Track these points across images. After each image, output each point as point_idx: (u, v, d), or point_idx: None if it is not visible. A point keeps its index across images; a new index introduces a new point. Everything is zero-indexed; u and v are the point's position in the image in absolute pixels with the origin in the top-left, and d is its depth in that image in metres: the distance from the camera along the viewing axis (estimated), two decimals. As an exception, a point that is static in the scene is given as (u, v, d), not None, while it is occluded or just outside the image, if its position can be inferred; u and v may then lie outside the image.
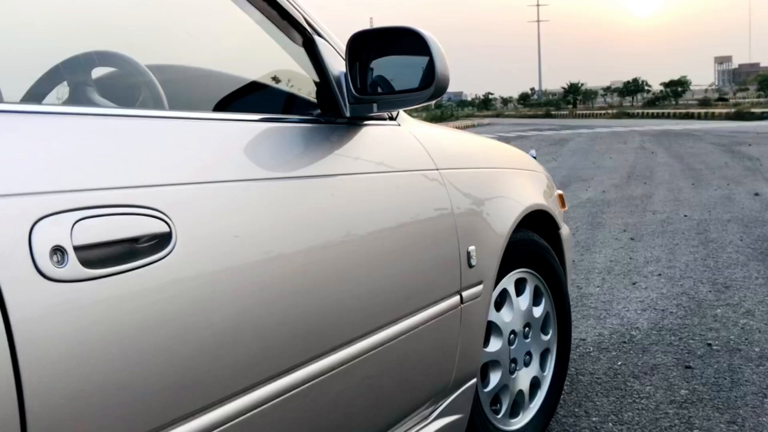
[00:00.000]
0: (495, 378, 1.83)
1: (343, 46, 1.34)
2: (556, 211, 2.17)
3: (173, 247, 0.86)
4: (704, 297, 3.40)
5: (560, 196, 2.38)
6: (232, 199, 0.98)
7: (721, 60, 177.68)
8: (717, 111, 31.32)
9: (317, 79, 1.34)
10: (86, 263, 0.76)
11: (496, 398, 1.86)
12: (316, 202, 1.15)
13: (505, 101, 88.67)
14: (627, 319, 3.12)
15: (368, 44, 1.31)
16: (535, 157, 2.42)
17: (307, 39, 1.32)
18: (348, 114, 1.33)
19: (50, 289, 0.72)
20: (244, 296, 0.95)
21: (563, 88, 61.02)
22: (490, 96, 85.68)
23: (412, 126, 1.53)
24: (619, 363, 2.60)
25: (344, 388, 1.16)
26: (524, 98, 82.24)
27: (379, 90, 1.34)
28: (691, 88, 69.92)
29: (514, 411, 1.93)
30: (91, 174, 0.81)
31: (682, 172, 9.16)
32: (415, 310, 1.36)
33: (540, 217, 2.04)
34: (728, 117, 28.45)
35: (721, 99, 50.99)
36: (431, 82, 1.27)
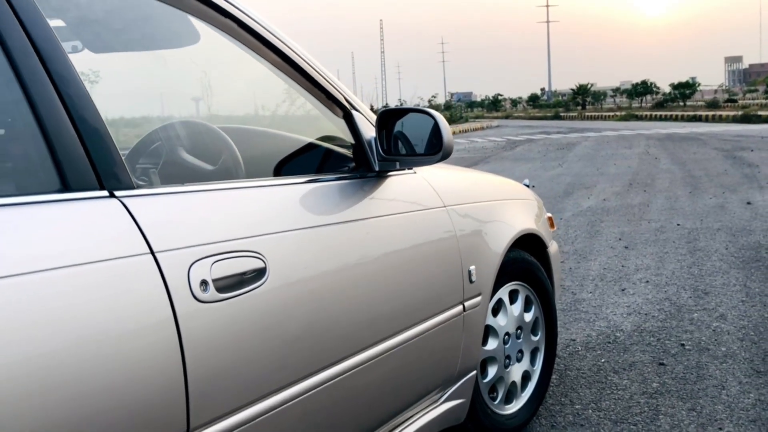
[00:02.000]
0: (492, 371, 2.25)
1: (374, 118, 1.77)
2: (545, 233, 2.59)
3: (267, 278, 1.29)
4: (684, 302, 3.81)
5: (549, 219, 2.79)
6: (303, 241, 1.41)
7: (731, 60, 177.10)
8: (724, 114, 31.53)
9: (353, 142, 1.77)
10: (219, 290, 1.19)
11: (493, 387, 2.29)
12: (357, 239, 1.58)
13: (515, 102, 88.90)
14: (613, 322, 3.53)
15: (393, 117, 1.74)
16: (527, 185, 2.83)
17: (346, 112, 1.75)
18: (377, 169, 1.75)
19: (200, 307, 1.15)
20: (311, 308, 1.38)
21: (572, 89, 61.23)
22: (500, 97, 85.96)
23: (425, 173, 1.96)
24: (603, 360, 3.02)
25: (376, 374, 1.58)
26: (533, 99, 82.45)
27: (401, 150, 1.76)
28: (701, 88, 69.94)
29: (509, 398, 2.35)
30: (220, 230, 1.24)
31: (682, 180, 9.52)
32: (428, 317, 1.79)
33: (530, 239, 2.46)
34: (735, 120, 28.67)
35: (730, 100, 51.06)
36: (440, 148, 1.70)
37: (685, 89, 49.44)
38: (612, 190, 8.80)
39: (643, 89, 57.08)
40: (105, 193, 1.11)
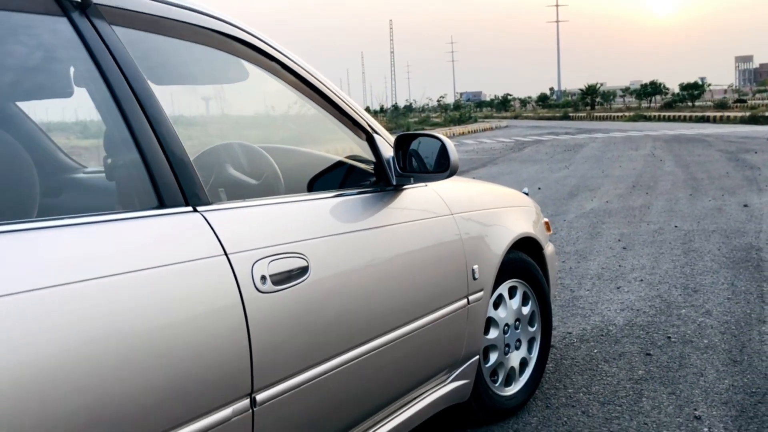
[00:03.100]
0: (493, 357, 2.58)
1: (392, 140, 2.10)
2: (541, 236, 2.91)
3: (309, 274, 1.62)
4: (674, 299, 4.12)
5: (546, 223, 3.11)
6: (336, 245, 1.74)
7: (741, 59, 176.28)
8: (732, 115, 31.68)
9: (374, 160, 2.10)
10: (274, 283, 1.52)
11: (494, 372, 2.61)
12: (379, 242, 1.91)
13: (524, 102, 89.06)
14: (607, 317, 3.85)
15: (408, 140, 2.07)
16: (526, 193, 3.14)
17: (369, 135, 2.08)
18: (395, 183, 2.08)
19: (260, 296, 1.48)
20: (344, 299, 1.71)
21: (581, 90, 61.34)
22: (509, 97, 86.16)
23: (435, 185, 2.28)
24: (595, 351, 3.34)
25: (396, 354, 1.91)
26: (543, 99, 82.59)
27: (415, 167, 2.09)
28: (711, 88, 69.86)
29: (508, 382, 2.68)
30: (274, 236, 1.57)
31: (683, 182, 9.81)
32: (437, 308, 2.11)
33: (528, 241, 2.79)
34: (743, 121, 28.83)
35: (739, 100, 51.12)
36: (448, 167, 2.02)
37: (694, 90, 49.55)
38: (615, 192, 9.09)
39: (652, 89, 57.18)
40: (190, 208, 1.45)
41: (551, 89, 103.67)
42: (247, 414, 1.44)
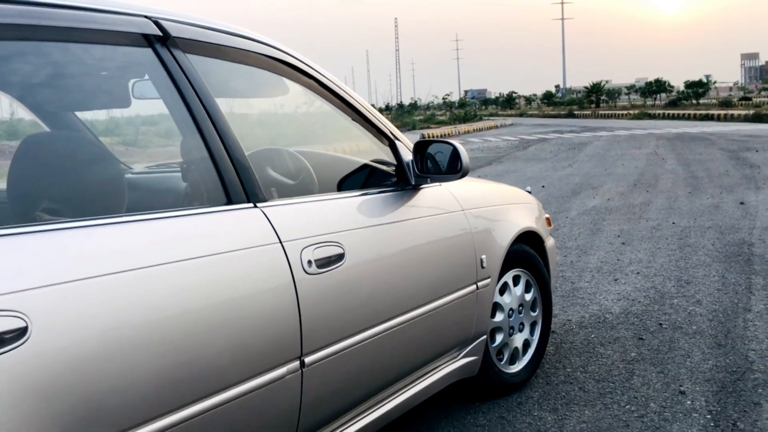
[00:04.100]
0: (499, 338, 2.89)
1: (410, 145, 2.41)
2: (543, 230, 3.22)
3: (345, 260, 1.93)
4: (668, 290, 4.42)
5: (547, 219, 3.42)
6: (366, 236, 2.05)
7: (747, 57, 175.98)
8: (736, 113, 31.89)
9: (396, 163, 2.41)
10: (318, 267, 1.83)
11: (500, 351, 2.93)
12: (401, 234, 2.22)
13: (529, 100, 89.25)
14: (605, 306, 4.16)
15: (425, 145, 2.38)
16: (529, 192, 3.45)
17: (391, 142, 2.39)
18: (413, 183, 2.39)
19: (307, 278, 1.79)
20: (374, 281, 2.02)
21: (586, 87, 61.53)
22: (514, 95, 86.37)
23: (448, 185, 2.59)
24: (592, 336, 3.65)
25: (417, 330, 2.23)
26: (548, 97, 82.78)
27: (431, 169, 2.40)
28: (717, 85, 69.94)
29: (512, 360, 2.99)
30: (317, 228, 1.89)
31: (684, 181, 10.09)
32: (450, 292, 2.42)
33: (530, 235, 3.10)
34: (746, 119, 29.04)
35: (744, 98, 51.27)
36: (460, 168, 2.33)
37: (698, 88, 49.74)
38: (617, 190, 9.39)
39: (656, 87, 57.34)
40: (251, 205, 1.76)
41: (556, 87, 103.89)
42: (298, 373, 1.75)
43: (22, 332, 1.20)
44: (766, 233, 6.01)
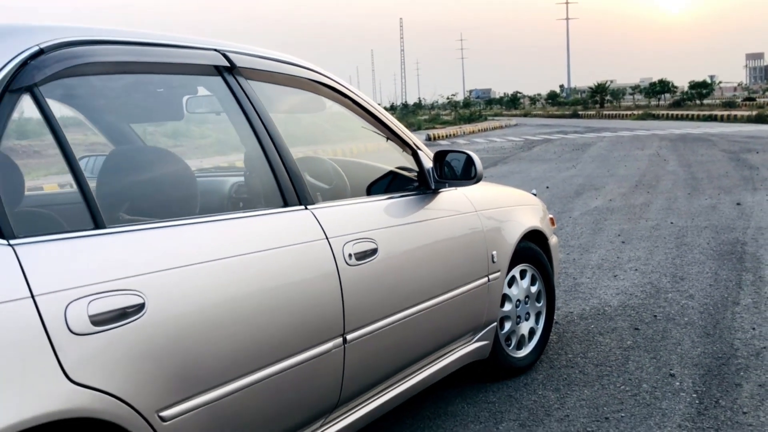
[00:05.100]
0: (507, 326, 3.23)
1: (431, 155, 2.75)
2: (547, 229, 3.56)
3: (377, 255, 2.27)
4: (663, 286, 4.75)
5: (551, 219, 3.75)
6: (393, 234, 2.39)
7: (752, 57, 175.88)
8: (739, 114, 32.14)
9: (417, 170, 2.75)
10: (357, 259, 2.17)
11: (508, 338, 3.26)
12: (422, 233, 2.56)
13: (533, 100, 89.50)
14: (604, 300, 4.49)
15: (443, 155, 2.72)
16: (534, 194, 3.79)
17: (413, 151, 2.73)
18: (433, 187, 2.73)
19: (348, 268, 2.13)
20: (402, 273, 2.36)
21: (590, 88, 61.77)
22: (518, 95, 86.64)
23: (463, 189, 2.93)
24: (592, 326, 3.98)
25: (437, 315, 2.57)
26: (552, 97, 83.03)
27: (448, 175, 2.73)
28: (721, 85, 70.08)
29: (519, 346, 3.33)
30: (355, 226, 2.22)
31: (684, 182, 10.40)
32: (465, 283, 2.76)
33: (536, 233, 3.43)
34: (749, 120, 29.28)
35: (748, 99, 51.46)
36: (475, 175, 2.67)
37: (702, 89, 49.97)
38: (619, 191, 9.70)
39: (660, 88, 57.59)
40: (302, 207, 2.10)
41: (561, 87, 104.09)
42: (341, 348, 2.09)
43: (140, 308, 1.54)
44: (759, 233, 6.33)
